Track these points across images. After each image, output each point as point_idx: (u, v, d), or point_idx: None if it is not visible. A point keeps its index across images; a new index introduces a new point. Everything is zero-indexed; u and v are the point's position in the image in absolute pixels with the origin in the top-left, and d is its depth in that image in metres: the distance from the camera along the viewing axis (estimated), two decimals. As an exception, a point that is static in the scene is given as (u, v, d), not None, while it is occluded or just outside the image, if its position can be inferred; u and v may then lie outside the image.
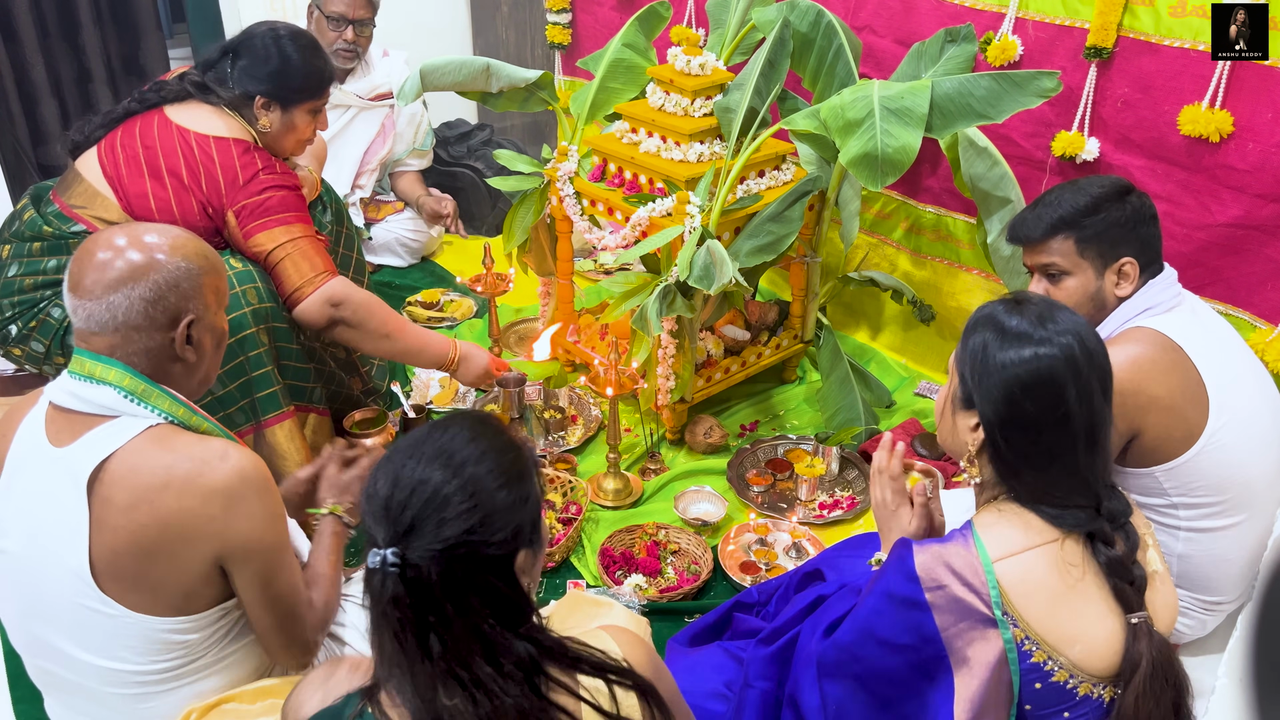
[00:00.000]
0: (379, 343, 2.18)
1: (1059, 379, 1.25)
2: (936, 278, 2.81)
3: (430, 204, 3.31)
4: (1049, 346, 1.26)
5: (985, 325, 1.32)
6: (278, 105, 2.13)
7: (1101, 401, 1.29)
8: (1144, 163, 2.27)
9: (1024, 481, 1.30)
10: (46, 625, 1.40)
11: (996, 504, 1.33)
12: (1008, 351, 1.28)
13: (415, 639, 1.02)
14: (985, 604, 1.23)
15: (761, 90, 2.36)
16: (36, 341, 2.07)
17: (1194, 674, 1.85)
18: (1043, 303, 1.32)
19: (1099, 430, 1.28)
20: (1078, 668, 1.23)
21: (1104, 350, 1.31)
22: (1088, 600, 1.25)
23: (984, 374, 1.29)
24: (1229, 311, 2.21)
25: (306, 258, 2.07)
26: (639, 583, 2.05)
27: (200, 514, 1.33)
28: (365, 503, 1.07)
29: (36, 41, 3.45)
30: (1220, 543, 1.76)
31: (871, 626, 1.29)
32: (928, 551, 1.27)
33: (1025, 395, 1.26)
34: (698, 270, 2.18)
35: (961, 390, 1.34)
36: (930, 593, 1.24)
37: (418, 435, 1.09)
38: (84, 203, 2.04)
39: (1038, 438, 1.27)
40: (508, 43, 4.10)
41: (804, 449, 2.50)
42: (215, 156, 2.03)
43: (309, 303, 2.06)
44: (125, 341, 1.35)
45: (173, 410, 1.38)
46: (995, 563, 1.24)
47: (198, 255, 1.42)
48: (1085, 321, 1.31)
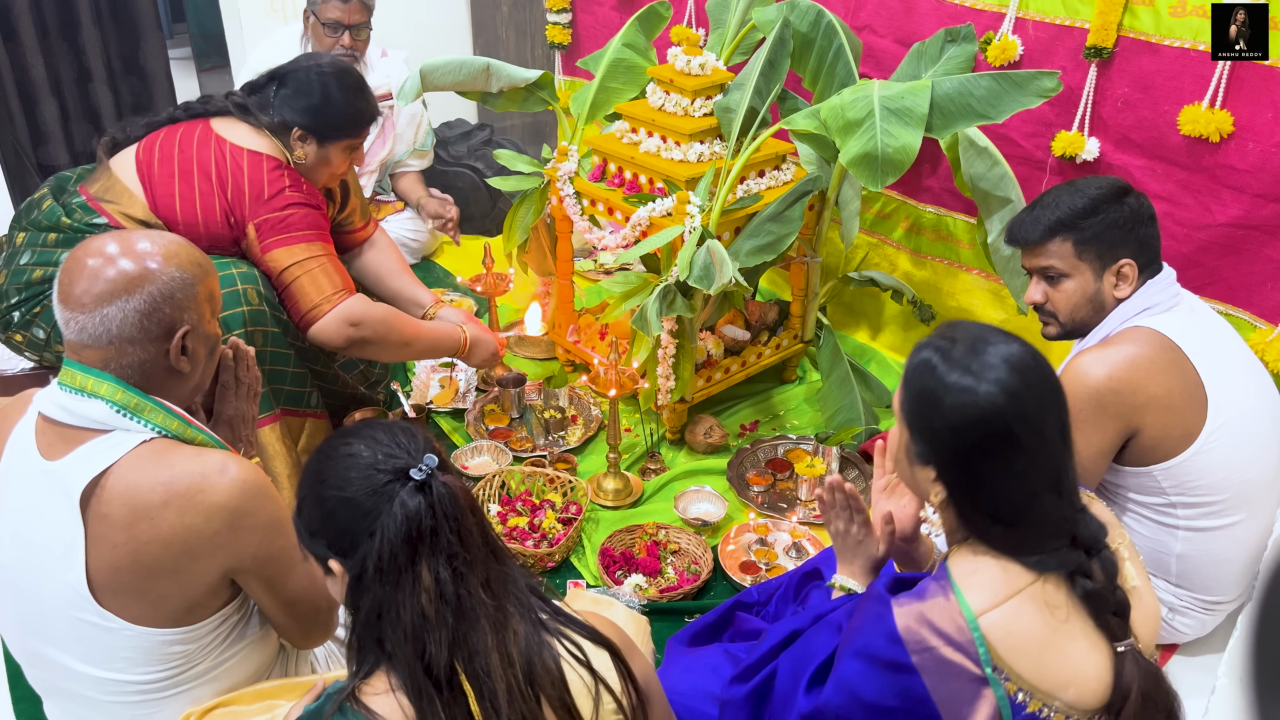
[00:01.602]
0: (400, 351, 2.21)
1: (1006, 420, 1.18)
2: (936, 278, 2.81)
3: (432, 205, 3.31)
4: (986, 384, 1.19)
5: (923, 371, 1.25)
6: (314, 139, 2.15)
7: (1059, 441, 1.22)
8: (1144, 163, 2.27)
9: (995, 537, 1.24)
10: (43, 637, 1.39)
11: (971, 545, 1.26)
12: (949, 399, 1.20)
13: (431, 559, 1.11)
14: (975, 663, 1.18)
15: (761, 90, 2.35)
16: (38, 328, 2.07)
17: (1194, 674, 1.86)
18: (973, 338, 1.23)
19: (1060, 473, 1.22)
20: (1073, 708, 1.20)
21: (1051, 383, 1.23)
22: (1074, 639, 1.21)
23: (930, 426, 1.24)
24: (1229, 311, 2.21)
25: (326, 275, 2.07)
26: (639, 583, 2.05)
27: (204, 531, 1.31)
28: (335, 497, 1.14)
29: (36, 41, 3.45)
30: (1219, 542, 1.76)
31: (857, 691, 1.23)
32: (908, 610, 1.21)
33: (975, 443, 1.20)
34: (698, 270, 2.18)
35: (914, 444, 1.28)
36: (917, 655, 1.19)
37: (330, 445, 1.19)
38: (112, 197, 2.04)
39: (998, 491, 1.21)
40: (508, 43, 4.10)
41: (804, 449, 2.50)
42: (246, 168, 2.05)
43: (326, 322, 2.06)
44: (119, 354, 1.32)
45: (166, 424, 1.35)
46: (980, 617, 1.18)
47: (191, 263, 1.38)
48: (1022, 351, 1.22)
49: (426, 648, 1.10)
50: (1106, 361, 1.70)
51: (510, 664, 1.12)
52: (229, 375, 1.57)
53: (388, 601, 1.11)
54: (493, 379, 2.72)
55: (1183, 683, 1.84)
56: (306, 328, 2.08)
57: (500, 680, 1.11)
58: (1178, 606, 1.83)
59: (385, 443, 1.16)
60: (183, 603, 1.36)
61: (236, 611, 1.45)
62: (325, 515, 1.15)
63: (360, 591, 1.12)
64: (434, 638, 1.10)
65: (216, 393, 1.57)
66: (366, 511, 1.12)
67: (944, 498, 1.26)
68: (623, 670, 1.21)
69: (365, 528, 1.12)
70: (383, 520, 1.11)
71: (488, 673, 1.11)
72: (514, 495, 2.31)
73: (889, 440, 1.41)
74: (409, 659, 1.10)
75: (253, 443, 1.61)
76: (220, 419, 1.57)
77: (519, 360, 2.91)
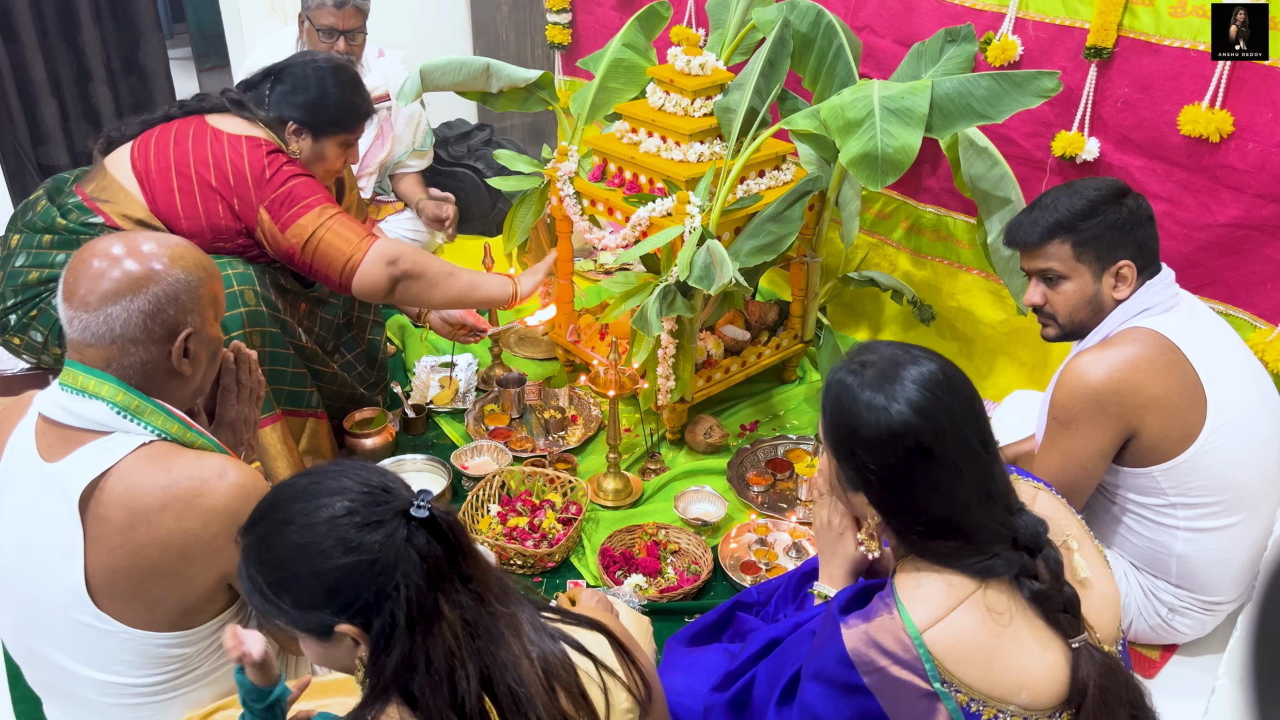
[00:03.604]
0: (447, 283, 2.17)
1: (921, 438, 1.19)
2: (936, 278, 2.81)
3: (430, 208, 3.31)
4: (899, 404, 1.20)
5: (839, 396, 1.25)
6: (309, 134, 2.17)
7: (983, 450, 1.22)
8: (1144, 163, 2.27)
9: (934, 551, 1.24)
10: (42, 639, 1.39)
11: (914, 560, 1.26)
12: (865, 422, 1.22)
13: (453, 594, 1.09)
14: (923, 678, 1.18)
15: (761, 90, 2.36)
16: (36, 331, 2.06)
17: (1194, 674, 1.86)
18: (885, 361, 1.25)
19: (990, 481, 1.22)
20: (1029, 709, 1.20)
21: (965, 391, 1.24)
22: (1020, 642, 1.21)
23: (852, 450, 1.24)
24: (1229, 312, 2.21)
25: (346, 227, 2.06)
26: (639, 583, 2.05)
27: (202, 535, 1.31)
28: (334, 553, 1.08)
29: (36, 41, 3.45)
30: (1219, 543, 1.76)
31: (818, 713, 1.24)
32: (856, 634, 1.21)
33: (895, 462, 1.21)
34: (698, 270, 2.18)
35: (842, 471, 1.29)
36: (867, 676, 1.19)
37: (298, 518, 1.10)
38: (108, 197, 2.03)
39: (928, 507, 1.22)
40: (508, 43, 4.11)
41: (804, 449, 2.50)
42: (245, 153, 2.03)
43: (366, 268, 2.04)
44: (121, 354, 1.32)
45: (166, 426, 1.35)
46: (923, 633, 1.18)
47: (196, 266, 1.39)
48: (932, 369, 1.23)
49: (457, 689, 1.06)
50: (1106, 362, 1.70)
51: (533, 661, 1.12)
52: (230, 379, 1.57)
53: (418, 651, 1.06)
54: (493, 379, 2.72)
55: (1183, 683, 1.86)
56: (348, 284, 2.05)
57: (535, 684, 1.10)
58: (1178, 607, 1.83)
59: (356, 491, 1.09)
60: (180, 606, 1.36)
61: (234, 616, 1.45)
62: (330, 588, 1.07)
63: (387, 649, 1.06)
64: (462, 674, 1.07)
65: (218, 396, 1.57)
66: (384, 567, 1.06)
67: (879, 520, 1.28)
68: (625, 657, 1.20)
69: (386, 583, 1.06)
70: (402, 569, 1.06)
71: (521, 682, 1.09)
72: (514, 495, 2.31)
73: (819, 471, 1.44)
74: (440, 707, 1.06)
75: (254, 447, 1.61)
76: (222, 422, 1.57)
77: (519, 360, 2.92)
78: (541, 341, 2.95)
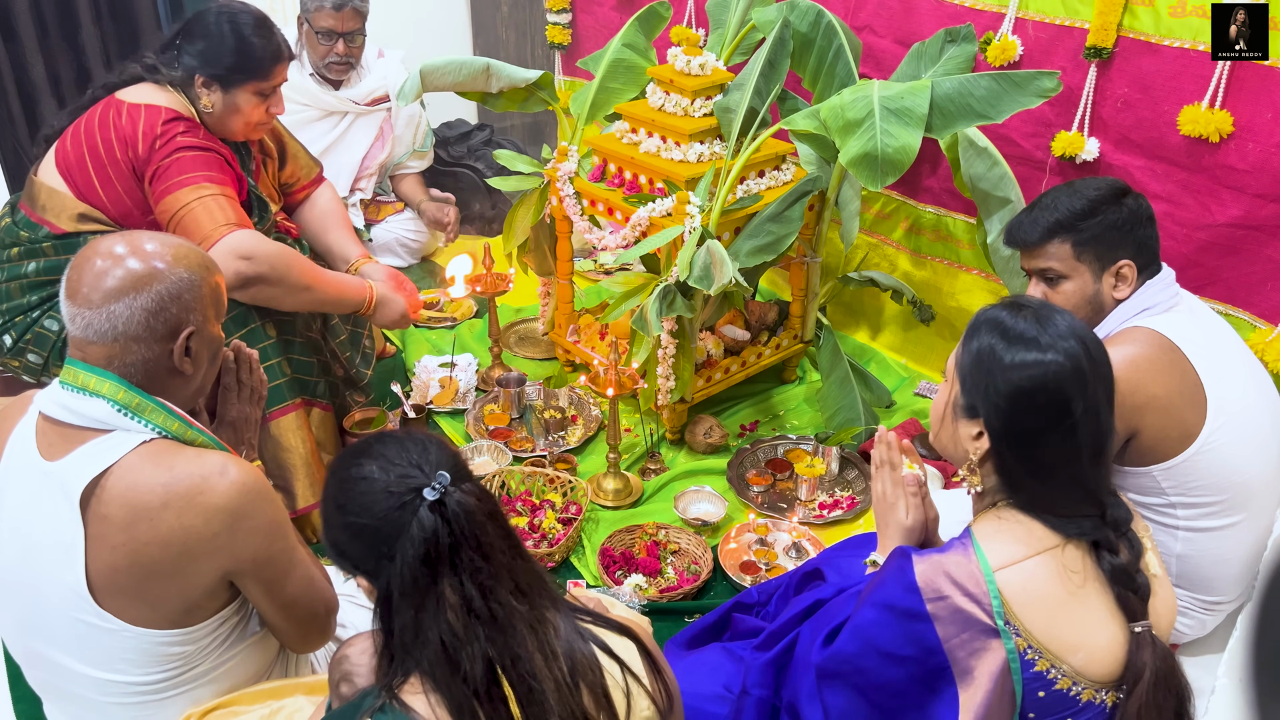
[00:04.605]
0: (300, 296, 2.04)
1: (1066, 389, 1.24)
2: (936, 278, 2.81)
3: (432, 210, 3.30)
4: (1055, 353, 1.25)
5: (988, 330, 1.30)
6: (218, 85, 2.06)
7: (1107, 412, 1.28)
8: (1144, 163, 2.27)
9: (1027, 491, 1.28)
10: (42, 638, 1.39)
11: (996, 510, 1.31)
12: (1014, 359, 1.26)
13: (453, 579, 1.10)
14: (988, 614, 1.21)
15: (761, 90, 2.36)
16: (33, 354, 2.06)
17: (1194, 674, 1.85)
18: (1041, 306, 1.31)
19: (1104, 441, 1.28)
20: (1080, 675, 1.23)
21: (1106, 357, 1.30)
22: (1088, 607, 1.24)
23: (989, 382, 1.28)
24: (1228, 312, 2.21)
25: (208, 212, 1.91)
26: (639, 583, 2.05)
27: (203, 533, 1.31)
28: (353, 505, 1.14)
29: (36, 41, 3.45)
30: (1219, 542, 1.76)
31: (872, 638, 1.27)
32: (927, 561, 1.25)
33: (1032, 405, 1.25)
34: (698, 270, 2.18)
35: (964, 398, 1.32)
36: (931, 604, 1.23)
37: (343, 468, 1.18)
38: (43, 203, 2.04)
39: (1043, 449, 1.26)
40: (508, 43, 4.11)
41: (804, 449, 2.50)
42: (142, 121, 1.98)
43: (214, 254, 1.86)
44: (123, 352, 1.33)
45: (166, 424, 1.35)
46: (996, 572, 1.22)
47: (199, 265, 1.39)
48: (1084, 325, 1.30)
49: (461, 664, 1.09)
50: (1106, 362, 1.70)
51: (554, 658, 1.13)
52: (231, 378, 1.57)
53: (415, 623, 1.10)
54: (493, 379, 2.72)
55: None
56: None
57: (548, 679, 1.12)
58: (1177, 607, 1.83)
59: (397, 461, 1.14)
60: (181, 604, 1.36)
61: (235, 613, 1.45)
62: (348, 539, 1.15)
63: (390, 612, 1.12)
64: (467, 653, 1.10)
65: (220, 396, 1.57)
66: (386, 536, 1.11)
67: (984, 452, 1.31)
68: (651, 666, 1.21)
69: (385, 552, 1.11)
70: (400, 543, 1.10)
71: (534, 675, 1.11)
72: (514, 495, 2.31)
73: (879, 440, 1.50)
74: (445, 677, 1.09)
75: (255, 445, 1.62)
76: (223, 421, 1.57)
77: (519, 360, 2.92)
78: (541, 341, 2.95)
